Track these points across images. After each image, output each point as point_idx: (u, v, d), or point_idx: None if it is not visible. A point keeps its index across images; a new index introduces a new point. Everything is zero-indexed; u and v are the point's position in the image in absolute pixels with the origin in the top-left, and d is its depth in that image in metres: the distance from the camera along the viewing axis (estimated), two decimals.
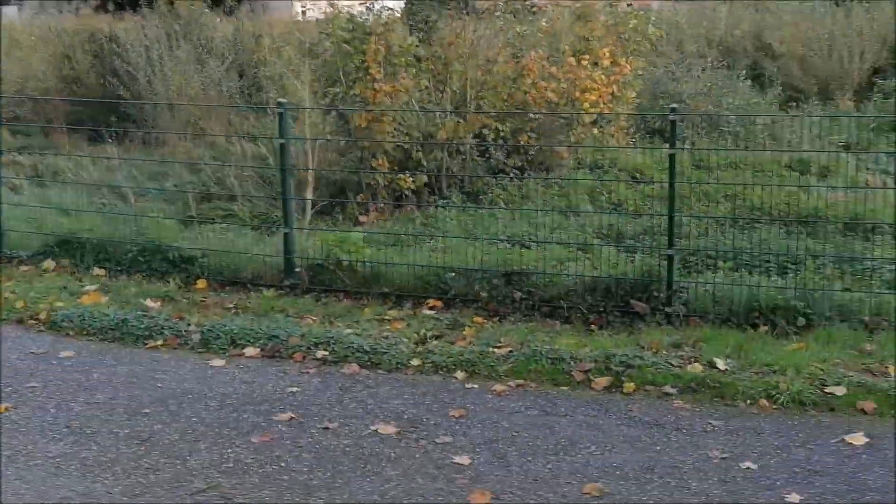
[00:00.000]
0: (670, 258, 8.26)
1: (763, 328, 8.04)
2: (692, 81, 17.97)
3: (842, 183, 14.44)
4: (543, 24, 15.71)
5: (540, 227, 10.53)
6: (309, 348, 7.67)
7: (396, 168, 13.29)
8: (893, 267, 8.95)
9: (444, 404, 6.69)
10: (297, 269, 9.51)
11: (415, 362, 7.39)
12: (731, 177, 14.44)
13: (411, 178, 13.07)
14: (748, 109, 17.82)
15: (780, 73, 19.88)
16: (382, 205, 13.24)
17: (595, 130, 15.32)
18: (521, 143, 14.43)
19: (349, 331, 7.98)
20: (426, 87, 13.91)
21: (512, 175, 14.14)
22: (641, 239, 10.60)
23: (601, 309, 8.34)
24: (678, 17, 21.82)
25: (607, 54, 15.45)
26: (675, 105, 7.85)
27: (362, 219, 12.85)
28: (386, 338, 7.81)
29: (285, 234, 9.53)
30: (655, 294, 8.35)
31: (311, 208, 12.28)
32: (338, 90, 13.22)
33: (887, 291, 8.39)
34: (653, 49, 17.30)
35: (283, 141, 9.73)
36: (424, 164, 13.51)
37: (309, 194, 12.26)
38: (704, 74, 18.20)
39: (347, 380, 7.17)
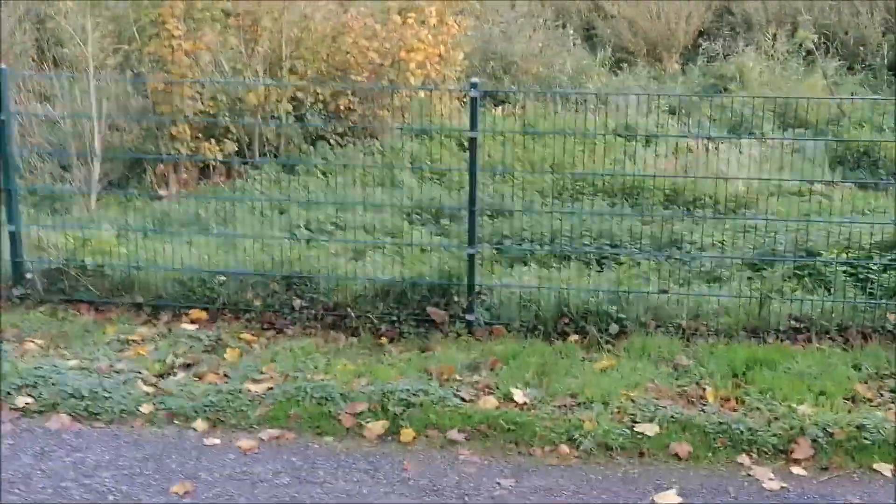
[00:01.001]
0: (471, 258, 6.77)
1: (574, 338, 6.69)
2: (524, 42, 16.55)
3: (666, 150, 13.37)
4: None
5: (349, 209, 8.88)
6: (9, 393, 5.58)
7: (200, 136, 11.48)
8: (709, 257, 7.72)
9: (169, 474, 4.90)
10: (29, 276, 7.38)
11: (145, 409, 5.52)
12: (559, 143, 13.16)
13: (218, 147, 11.31)
14: (580, 71, 16.54)
15: (612, 35, 18.64)
16: (185, 176, 11.45)
17: (422, 94, 13.74)
18: (342, 107, 12.82)
19: (72, 363, 6.02)
20: (235, 47, 12.04)
21: (332, 141, 12.52)
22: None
23: (394, 318, 6.84)
24: None
25: (434, 13, 13.84)
26: (475, 80, 6.32)
27: (163, 192, 11.00)
28: (119, 372, 5.90)
29: (11, 234, 7.35)
30: (455, 300, 6.89)
31: (99, 183, 10.36)
32: (130, 47, 11.22)
33: (707, 293, 7.12)
34: (481, 8, 15.73)
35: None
36: (234, 131, 11.72)
37: (95, 170, 10.32)
38: (536, 35, 16.80)
39: (50, 439, 5.19)
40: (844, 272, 7.22)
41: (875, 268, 7.20)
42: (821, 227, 7.85)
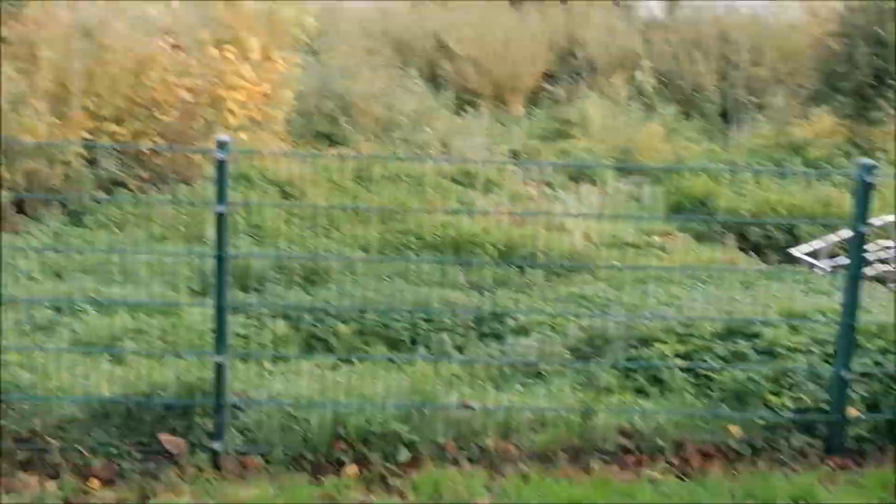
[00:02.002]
0: (219, 368, 4.84)
1: (352, 469, 4.87)
2: (363, 82, 14.78)
3: (507, 197, 11.85)
4: (174, 4, 11.84)
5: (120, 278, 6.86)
6: None
7: None
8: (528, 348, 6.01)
9: None
10: None
11: None
12: (392, 191, 11.46)
13: None
14: (422, 112, 14.88)
15: (457, 76, 17.08)
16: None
17: (244, 135, 11.78)
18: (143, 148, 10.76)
19: None
20: (9, 77, 9.83)
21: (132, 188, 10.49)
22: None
23: (114, 451, 4.87)
24: (355, 9, 18.44)
25: (258, 48, 11.94)
26: (224, 138, 4.43)
27: None
28: None
29: None
30: (199, 421, 4.99)
31: None
32: None
33: (521, 406, 5.35)
34: (310, 44, 13.88)
35: None
36: (7, 175, 9.55)
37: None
38: (376, 74, 15.05)
39: None
40: (681, 369, 5.57)
41: (715, 363, 5.59)
42: (660, 300, 6.32)
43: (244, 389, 4.92)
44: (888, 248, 9.09)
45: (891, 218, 9.25)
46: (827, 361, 5.34)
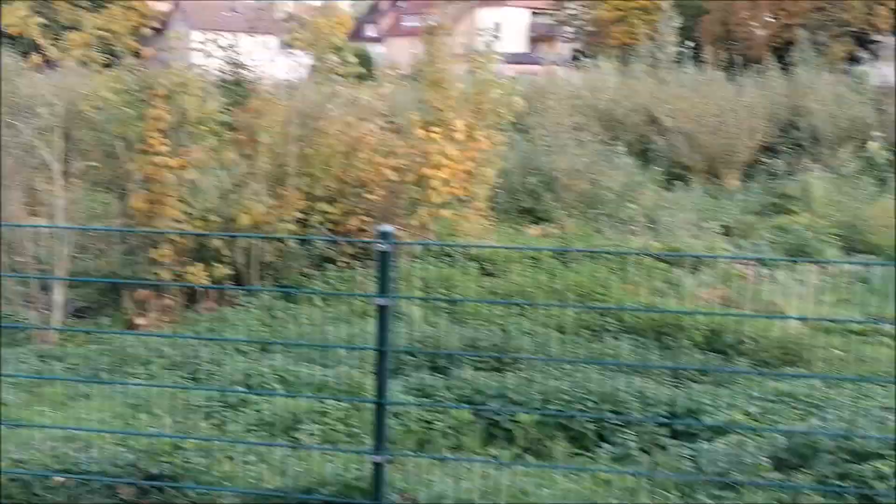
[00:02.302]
0: (377, 467, 4.74)
1: None
2: (569, 157, 14.72)
3: (716, 276, 11.29)
4: (386, 89, 12.29)
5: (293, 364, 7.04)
6: None
7: (188, 259, 9.92)
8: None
9: None
10: None
11: None
12: (592, 268, 11.20)
13: (206, 271, 9.73)
14: (628, 187, 14.59)
15: (668, 150, 16.68)
16: (170, 302, 9.84)
17: (445, 213, 12.00)
18: (353, 227, 11.16)
19: None
20: (232, 162, 10.50)
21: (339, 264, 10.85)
22: None
23: None
24: (565, 85, 18.53)
25: (461, 127, 12.15)
26: (386, 228, 4.40)
27: (140, 321, 9.43)
28: None
29: None
30: None
31: (64, 310, 8.82)
32: (94, 164, 9.75)
33: None
34: (516, 122, 13.94)
35: None
36: (227, 252, 10.14)
37: (58, 293, 8.79)
38: (581, 149, 14.95)
39: None
40: None
41: None
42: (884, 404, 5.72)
43: (408, 489, 4.81)
44: None
45: None
46: None
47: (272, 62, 11.08)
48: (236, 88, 10.75)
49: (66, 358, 7.60)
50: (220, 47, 10.99)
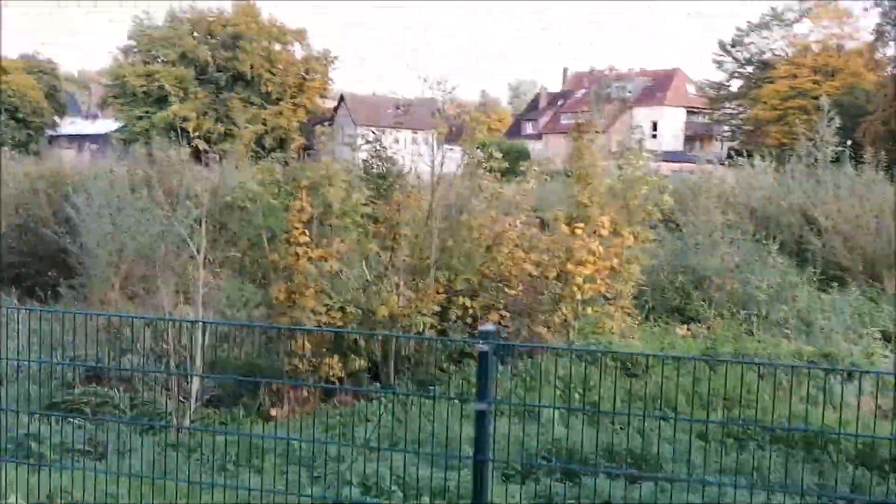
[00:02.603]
0: None
1: None
2: (719, 255, 14.12)
3: (874, 385, 10.41)
4: (531, 184, 12.17)
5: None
6: None
7: (325, 349, 9.90)
8: None
9: None
10: None
11: None
12: (737, 374, 10.51)
13: (341, 363, 9.69)
14: (781, 288, 13.81)
15: (825, 250, 15.78)
16: (307, 394, 9.81)
17: (588, 310, 11.67)
18: (492, 322, 10.92)
19: None
20: (376, 254, 10.54)
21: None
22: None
23: None
24: (718, 183, 17.94)
25: (606, 223, 11.85)
26: (488, 326, 4.13)
27: (274, 412, 9.41)
28: None
29: None
30: None
31: (197, 399, 8.90)
32: (235, 253, 9.92)
33: None
34: (665, 219, 13.52)
35: None
36: (363, 344, 10.08)
37: (195, 382, 8.89)
38: (733, 248, 14.32)
39: None
40: None
41: None
42: None
43: None
44: None
45: None
46: None
47: (420, 156, 11.15)
48: (381, 181, 10.85)
49: (195, 448, 7.60)
50: (367, 141, 11.18)
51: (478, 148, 11.79)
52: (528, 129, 73.29)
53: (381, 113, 41.35)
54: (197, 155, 14.19)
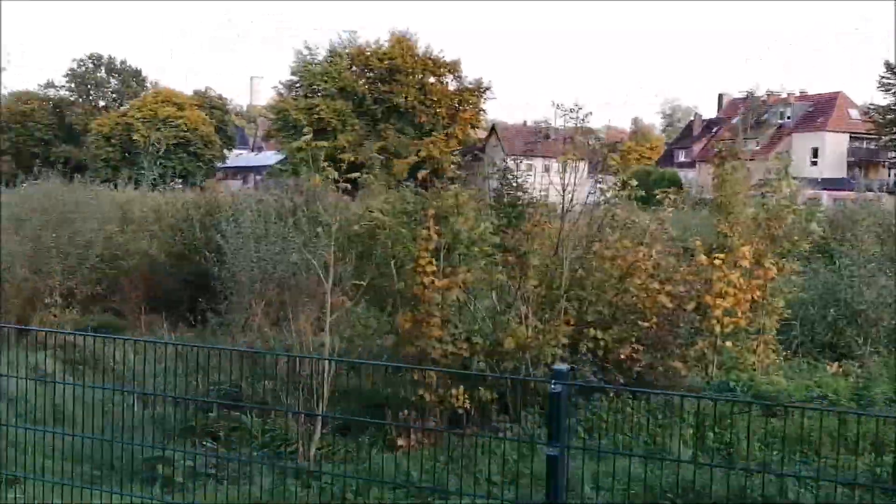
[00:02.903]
0: None
1: None
2: (875, 289, 13.14)
3: None
4: (668, 213, 11.68)
5: None
6: None
7: (451, 380, 9.73)
8: None
9: None
10: None
11: None
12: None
13: (467, 394, 9.51)
14: None
15: None
16: (433, 424, 9.66)
17: (728, 344, 11.08)
18: (623, 355, 10.50)
19: None
20: (503, 284, 10.33)
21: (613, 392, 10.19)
22: None
23: None
24: (877, 211, 16.78)
25: (748, 253, 11.24)
26: (561, 367, 3.82)
27: (401, 442, 9.31)
28: None
29: None
30: None
31: (323, 426, 8.91)
32: (361, 282, 9.87)
33: None
34: (816, 249, 12.71)
35: None
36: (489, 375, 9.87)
37: (320, 408, 8.91)
38: (891, 281, 13.31)
39: None
40: None
41: None
42: None
43: None
44: None
45: None
46: None
47: (552, 184, 10.91)
48: (510, 210, 10.67)
49: (321, 476, 7.58)
50: (498, 169, 11.03)
51: (612, 175, 11.46)
52: (681, 156, 71.65)
53: (530, 142, 41.31)
54: (354, 184, 14.38)
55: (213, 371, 10.02)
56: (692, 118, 78.51)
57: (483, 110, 67.08)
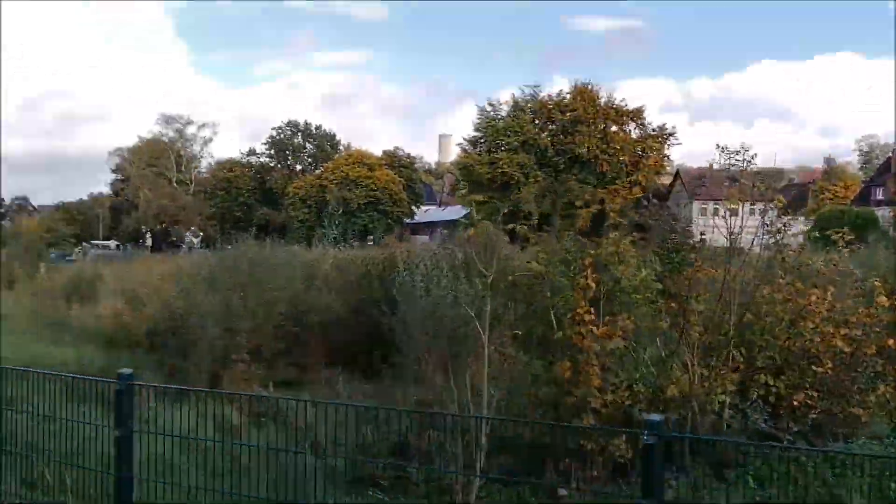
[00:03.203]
0: None
1: None
2: None
3: None
4: (844, 253, 11.07)
5: None
6: None
7: (612, 427, 9.60)
8: None
9: None
10: None
11: None
12: None
13: (629, 444, 9.34)
14: None
15: None
16: (594, 473, 9.54)
17: None
18: (797, 402, 10.02)
19: None
20: (666, 331, 10.11)
21: (785, 442, 9.75)
22: None
23: None
24: None
25: None
26: (654, 418, 3.65)
27: (562, 492, 9.24)
28: None
29: None
30: None
31: (481, 478, 8.95)
32: (518, 331, 9.89)
33: None
34: None
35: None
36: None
37: (480, 460, 8.98)
38: None
39: None
40: None
41: None
42: None
43: None
44: None
45: None
46: None
47: (717, 228, 10.61)
48: (674, 255, 10.48)
49: None
50: (660, 213, 10.88)
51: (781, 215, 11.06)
52: (879, 194, 67.40)
53: (716, 185, 40.21)
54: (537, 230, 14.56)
55: (382, 423, 10.36)
56: (890, 154, 73.93)
57: (667, 156, 65.94)
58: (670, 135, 64.44)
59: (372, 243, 38.44)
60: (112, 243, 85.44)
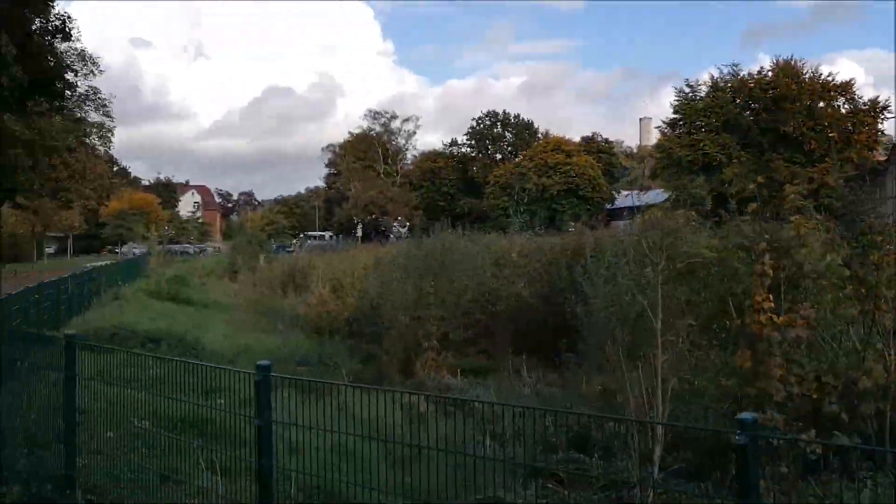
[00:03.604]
0: None
1: None
2: None
3: None
4: None
5: None
6: None
7: (801, 423, 9.03)
8: None
9: None
10: None
11: None
12: None
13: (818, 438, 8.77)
14: None
15: None
16: (785, 468, 9.00)
17: None
18: None
19: None
20: (855, 318, 9.39)
21: None
22: None
23: None
24: None
25: None
26: (748, 414, 3.22)
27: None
28: None
29: None
30: None
31: (659, 472, 8.70)
32: (691, 321, 9.44)
33: None
34: None
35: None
36: (845, 419, 9.01)
37: (656, 454, 8.72)
38: None
39: None
40: None
41: None
42: None
43: None
44: None
45: None
46: None
47: None
48: (863, 238, 9.73)
49: None
50: (856, 193, 10.11)
51: None
52: None
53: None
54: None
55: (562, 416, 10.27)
56: None
57: (881, 131, 61.31)
58: (884, 108, 59.88)
59: (565, 230, 38.09)
60: (326, 234, 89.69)
